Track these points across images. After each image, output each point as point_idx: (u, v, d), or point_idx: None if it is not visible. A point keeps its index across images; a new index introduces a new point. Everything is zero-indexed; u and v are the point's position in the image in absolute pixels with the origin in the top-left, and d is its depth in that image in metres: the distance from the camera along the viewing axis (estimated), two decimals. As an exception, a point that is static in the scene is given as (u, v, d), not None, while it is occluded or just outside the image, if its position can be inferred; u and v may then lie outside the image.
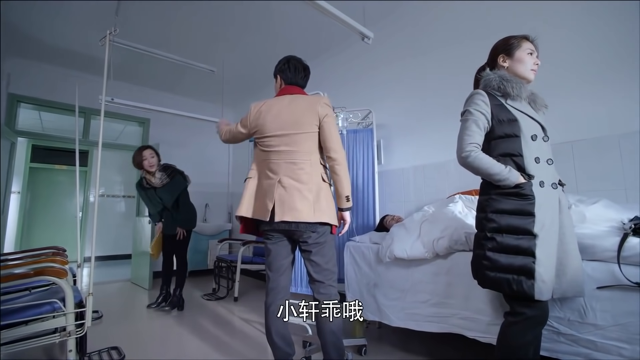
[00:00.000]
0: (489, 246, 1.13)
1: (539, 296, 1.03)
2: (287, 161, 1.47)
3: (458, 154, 1.20)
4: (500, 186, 1.14)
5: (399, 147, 2.78)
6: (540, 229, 1.06)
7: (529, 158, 1.14)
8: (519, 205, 1.10)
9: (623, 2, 1.69)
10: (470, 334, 1.48)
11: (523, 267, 1.05)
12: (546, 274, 1.04)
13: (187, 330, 2.41)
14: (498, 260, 1.10)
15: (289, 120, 1.50)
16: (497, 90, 1.21)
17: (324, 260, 1.45)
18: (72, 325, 1.41)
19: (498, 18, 2.18)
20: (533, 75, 1.24)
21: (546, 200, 1.10)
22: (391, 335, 2.23)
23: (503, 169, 1.12)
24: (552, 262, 1.07)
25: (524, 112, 1.19)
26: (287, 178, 1.45)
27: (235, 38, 3.37)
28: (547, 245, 1.07)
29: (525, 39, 1.25)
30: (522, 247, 1.07)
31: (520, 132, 1.15)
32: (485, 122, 1.18)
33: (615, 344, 1.10)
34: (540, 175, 1.13)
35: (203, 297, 3.37)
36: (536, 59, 1.25)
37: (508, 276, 1.08)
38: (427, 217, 1.85)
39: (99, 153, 1.87)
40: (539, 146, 1.16)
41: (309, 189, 1.43)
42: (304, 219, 1.40)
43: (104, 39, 2.20)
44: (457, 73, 2.37)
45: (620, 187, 1.64)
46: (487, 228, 1.15)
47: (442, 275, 1.63)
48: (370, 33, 2.27)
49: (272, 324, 1.46)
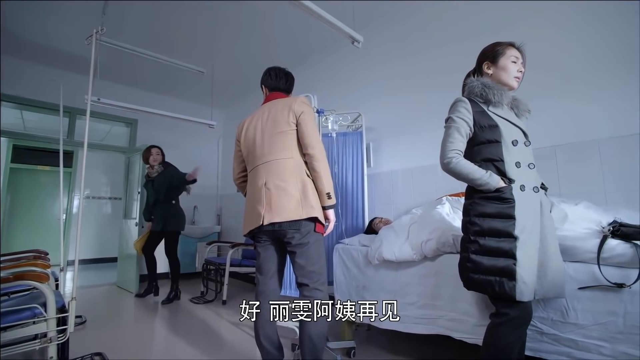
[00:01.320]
0: (472, 249, 1.16)
1: (520, 297, 1.05)
2: (270, 162, 1.49)
3: (441, 160, 1.23)
4: (482, 190, 1.17)
5: (388, 150, 2.81)
6: (521, 231, 1.09)
7: (509, 163, 1.17)
8: (500, 209, 1.13)
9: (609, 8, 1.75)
10: (457, 335, 1.50)
11: (504, 268, 1.08)
12: (527, 276, 1.06)
13: (174, 334, 2.37)
14: (481, 263, 1.13)
15: (267, 126, 1.55)
16: (480, 97, 1.25)
17: (308, 262, 1.42)
18: (53, 331, 1.37)
19: (488, 21, 2.22)
20: (516, 83, 1.27)
21: (527, 204, 1.13)
22: (380, 337, 2.24)
23: (484, 173, 1.15)
24: (533, 264, 1.09)
25: (505, 118, 1.22)
26: (272, 179, 1.46)
27: (225, 39, 3.35)
28: (528, 247, 1.09)
29: (511, 46, 1.28)
30: (503, 249, 1.09)
31: (501, 138, 1.18)
32: (467, 129, 1.22)
33: (595, 343, 1.13)
34: (520, 179, 1.15)
35: (191, 301, 3.32)
36: (521, 66, 1.27)
37: (491, 278, 1.11)
38: (415, 220, 1.87)
39: (84, 154, 1.83)
40: (520, 151, 1.19)
41: (294, 187, 1.43)
42: (292, 217, 1.39)
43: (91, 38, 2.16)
44: (446, 77, 2.42)
45: (600, 190, 1.69)
46: (470, 231, 1.18)
47: (430, 277, 1.64)
48: (360, 37, 2.29)
49: (261, 327, 1.45)
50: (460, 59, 2.31)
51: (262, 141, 1.54)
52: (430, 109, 2.51)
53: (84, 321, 2.61)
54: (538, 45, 1.91)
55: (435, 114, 2.46)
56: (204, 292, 3.51)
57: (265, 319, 1.46)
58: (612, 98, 1.70)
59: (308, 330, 1.36)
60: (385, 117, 2.85)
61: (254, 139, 1.57)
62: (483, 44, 1.35)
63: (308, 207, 1.41)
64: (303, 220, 1.41)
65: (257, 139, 1.56)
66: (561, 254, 1.17)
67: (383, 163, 2.83)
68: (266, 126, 1.55)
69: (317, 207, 1.44)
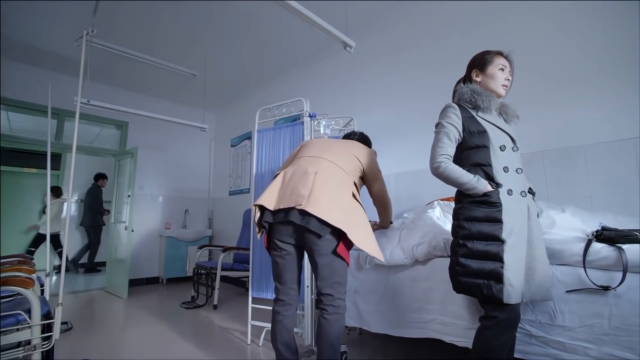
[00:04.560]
0: (461, 252, 1.19)
1: (507, 299, 1.07)
2: (325, 159, 1.52)
3: (430, 164, 1.25)
4: (471, 195, 1.20)
5: (380, 154, 2.81)
6: (508, 235, 1.11)
7: (497, 167, 1.19)
8: (487, 213, 1.15)
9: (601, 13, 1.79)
10: (448, 339, 1.51)
11: (492, 271, 1.10)
12: (514, 278, 1.08)
13: (163, 340, 2.33)
14: (470, 266, 1.15)
15: (341, 145, 1.69)
16: (469, 103, 1.28)
17: (334, 272, 1.39)
18: (37, 338, 1.34)
19: (481, 26, 2.26)
20: (504, 91, 1.31)
21: (514, 208, 1.15)
22: (372, 341, 2.24)
23: (471, 178, 1.17)
24: (520, 267, 1.11)
25: (494, 123, 1.25)
26: (324, 173, 1.44)
27: (217, 42, 3.34)
28: (515, 251, 1.11)
29: (499, 55, 1.31)
30: (491, 252, 1.11)
31: (489, 143, 1.21)
32: (456, 134, 1.24)
33: (582, 345, 1.15)
34: (508, 184, 1.18)
35: (181, 306, 3.27)
36: (508, 74, 1.30)
37: (479, 281, 1.12)
38: (407, 224, 1.89)
39: (72, 156, 1.80)
40: (508, 156, 1.22)
41: (345, 198, 1.43)
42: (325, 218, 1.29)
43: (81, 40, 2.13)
44: (437, 83, 2.45)
45: (586, 195, 1.73)
46: (459, 235, 1.20)
47: (421, 280, 1.65)
48: (353, 42, 2.31)
49: (279, 332, 1.47)
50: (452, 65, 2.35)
51: (329, 148, 1.60)
52: (421, 114, 2.55)
53: (70, 327, 2.55)
54: (525, 50, 1.96)
55: (426, 120, 2.48)
56: (195, 297, 3.47)
57: (283, 325, 1.48)
58: (598, 105, 1.75)
59: (329, 335, 1.38)
60: (376, 121, 2.87)
61: (318, 143, 1.68)
62: (475, 50, 1.38)
63: (345, 224, 1.32)
64: (330, 229, 1.32)
65: (322, 144, 1.66)
66: (548, 258, 1.20)
67: (375, 167, 2.84)
68: (338, 143, 1.69)
69: (352, 229, 1.33)
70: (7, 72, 3.61)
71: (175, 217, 4.85)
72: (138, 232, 4.30)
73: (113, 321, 2.86)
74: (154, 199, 4.68)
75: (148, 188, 4.61)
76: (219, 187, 5.11)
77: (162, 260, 4.48)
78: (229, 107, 5.15)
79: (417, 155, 2.55)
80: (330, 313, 1.39)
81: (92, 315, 3.02)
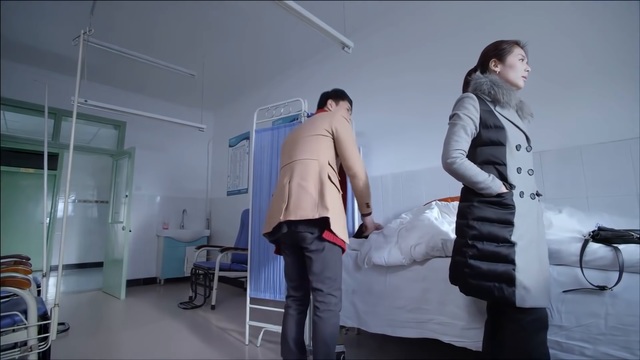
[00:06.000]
0: (470, 253, 1.13)
1: (520, 303, 1.02)
2: (296, 162, 1.55)
3: (443, 159, 1.17)
4: (482, 194, 1.14)
5: (378, 154, 2.84)
6: (519, 237, 1.07)
7: (511, 168, 1.14)
8: (499, 214, 1.10)
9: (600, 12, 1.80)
10: (446, 339, 1.51)
11: (503, 274, 1.05)
12: (528, 281, 1.04)
13: (161, 341, 2.32)
14: (479, 268, 1.10)
15: (304, 131, 1.63)
16: (487, 95, 1.20)
17: (325, 267, 1.43)
18: (34, 339, 1.33)
19: (481, 26, 2.26)
20: (523, 82, 1.24)
21: (525, 210, 1.11)
22: (369, 341, 2.24)
23: (486, 177, 1.11)
24: (534, 270, 1.06)
25: (512, 120, 1.18)
26: (296, 178, 1.50)
27: (216, 43, 3.34)
28: (528, 253, 1.07)
29: (517, 45, 1.25)
30: (501, 254, 1.07)
31: (506, 141, 1.14)
32: (473, 128, 1.17)
33: (578, 344, 1.15)
34: (520, 186, 1.13)
35: (179, 306, 3.27)
36: (527, 65, 1.24)
37: (489, 283, 1.08)
38: (405, 224, 1.89)
39: (70, 156, 1.80)
40: (522, 156, 1.16)
41: (314, 187, 1.45)
42: (307, 216, 1.39)
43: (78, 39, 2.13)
44: (435, 84, 2.46)
45: (583, 195, 1.74)
46: (468, 235, 1.14)
47: (419, 281, 1.66)
48: (350, 42, 2.31)
49: (290, 329, 1.53)
50: (451, 65, 2.37)
51: (297, 144, 1.61)
52: (419, 115, 2.55)
53: (67, 328, 2.54)
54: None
55: (424, 120, 2.50)
56: (193, 297, 3.46)
57: (295, 320, 1.55)
58: (595, 106, 1.76)
59: (322, 334, 1.39)
60: (374, 122, 2.88)
61: (290, 142, 1.67)
62: (475, 51, 1.35)
63: (322, 208, 1.39)
64: (318, 223, 1.40)
65: (293, 142, 1.65)
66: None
67: (373, 168, 2.85)
68: (303, 131, 1.64)
69: (334, 213, 1.41)
70: (3, 71, 3.58)
71: (173, 218, 4.84)
72: (135, 232, 4.28)
73: (110, 322, 2.85)
74: (151, 199, 4.67)
75: (146, 188, 4.60)
76: (217, 188, 5.10)
77: (159, 261, 4.46)
78: (227, 107, 5.15)
79: (414, 156, 2.55)
80: (322, 311, 1.40)
81: (89, 315, 3.00)
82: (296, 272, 1.58)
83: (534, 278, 1.05)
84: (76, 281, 4.76)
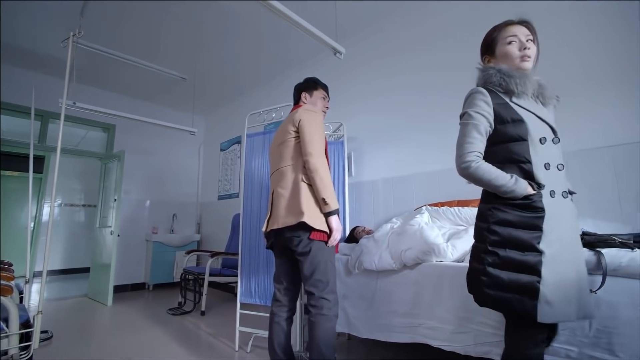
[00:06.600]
0: (489, 261, 1.00)
1: (542, 318, 0.91)
2: (276, 171, 1.60)
3: (457, 164, 1.05)
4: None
5: (369, 159, 2.86)
6: (549, 245, 0.94)
7: (538, 164, 0.99)
8: (525, 218, 0.97)
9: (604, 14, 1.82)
10: (436, 343, 1.52)
11: (526, 285, 0.93)
12: (552, 296, 0.91)
13: (148, 348, 2.28)
14: (499, 277, 0.98)
15: (276, 138, 1.66)
16: (499, 87, 1.06)
17: (314, 270, 1.43)
18: (15, 348, 1.29)
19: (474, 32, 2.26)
20: (528, 64, 1.07)
21: (557, 212, 0.98)
22: (360, 346, 2.23)
23: (508, 179, 0.98)
24: (562, 283, 0.93)
25: (531, 111, 1.04)
26: (277, 187, 1.54)
27: (207, 46, 3.34)
28: (557, 264, 0.94)
29: (507, 25, 1.10)
30: (527, 264, 0.94)
31: (528, 135, 1.00)
32: (487, 126, 1.04)
33: (564, 347, 1.17)
34: (550, 184, 0.99)
35: (168, 312, 3.21)
36: (524, 42, 1.07)
37: (509, 295, 0.96)
38: (395, 229, 1.90)
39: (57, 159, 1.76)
40: (549, 150, 1.01)
41: (288, 193, 1.48)
42: (286, 223, 1.43)
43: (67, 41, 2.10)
44: (427, 89, 2.49)
45: (569, 200, 1.77)
46: (488, 240, 1.02)
47: (409, 285, 1.66)
48: (342, 48, 2.33)
49: (276, 334, 1.52)
50: (443, 70, 2.40)
51: (273, 152, 1.67)
52: (410, 120, 2.58)
53: (51, 336, 2.47)
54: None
55: (416, 125, 2.53)
56: (182, 303, 3.40)
57: (280, 326, 1.53)
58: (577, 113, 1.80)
59: (315, 339, 1.37)
60: (366, 127, 2.90)
61: (272, 149, 1.70)
62: (468, 55, 1.29)
63: (297, 213, 1.40)
64: (297, 226, 1.41)
65: (270, 151, 1.71)
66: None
67: (364, 172, 2.87)
68: (277, 137, 1.66)
69: (310, 213, 1.40)
70: (-11, 72, 3.51)
71: (163, 222, 4.77)
72: (124, 237, 4.20)
73: (95, 329, 2.78)
74: (140, 203, 4.60)
75: (135, 192, 4.53)
76: (208, 192, 5.06)
77: (148, 266, 4.39)
78: (218, 111, 5.13)
79: (405, 161, 2.58)
80: (314, 315, 1.40)
81: (74, 323, 2.93)
82: (284, 274, 1.59)
83: (562, 291, 0.92)
84: (61, 287, 4.64)
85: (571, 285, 0.93)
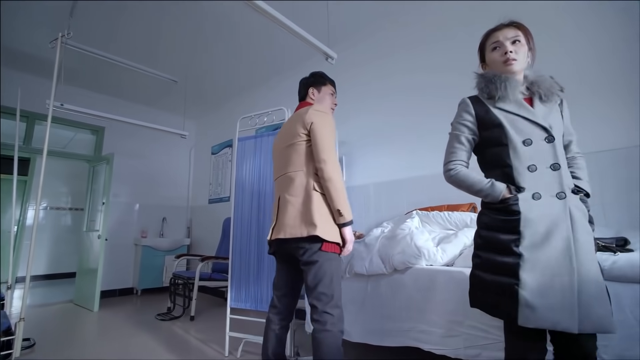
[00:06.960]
0: (474, 263, 1.08)
1: (523, 322, 0.90)
2: (282, 176, 1.49)
3: (443, 172, 1.15)
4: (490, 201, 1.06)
5: (361, 164, 2.87)
6: (528, 248, 0.94)
7: (518, 167, 1.00)
8: (502, 221, 1.00)
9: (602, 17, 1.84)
10: (426, 347, 1.52)
11: (505, 288, 0.95)
12: (535, 300, 0.89)
13: (136, 355, 2.23)
14: (482, 278, 1.03)
15: (281, 140, 1.54)
16: (485, 93, 1.10)
17: (318, 282, 1.32)
18: (-4, 355, 1.25)
19: (468, 35, 2.30)
20: (514, 66, 1.07)
21: (541, 214, 0.96)
22: (351, 350, 2.22)
23: (484, 184, 1.03)
24: (545, 287, 0.91)
25: (517, 113, 1.04)
26: (284, 193, 1.44)
27: (199, 49, 3.32)
28: (540, 268, 0.92)
29: (492, 32, 1.14)
30: (506, 265, 0.96)
31: (507, 139, 1.02)
32: (468, 135, 1.11)
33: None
34: (535, 186, 0.98)
35: (157, 317, 3.15)
36: (506, 46, 1.07)
37: (493, 296, 0.99)
38: (386, 233, 1.91)
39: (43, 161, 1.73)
40: (536, 151, 1.00)
41: (298, 201, 1.37)
42: (294, 234, 1.33)
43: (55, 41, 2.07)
44: (418, 94, 2.52)
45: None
46: (475, 244, 1.10)
47: (400, 289, 1.67)
48: (334, 54, 2.35)
49: (270, 341, 1.47)
50: (435, 75, 2.44)
51: (279, 154, 1.54)
52: (401, 125, 2.61)
53: (33, 344, 2.39)
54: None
55: (407, 130, 2.56)
56: (171, 308, 3.35)
57: (275, 333, 1.48)
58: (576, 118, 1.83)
59: (320, 356, 1.27)
60: (357, 131, 2.92)
61: (276, 151, 1.58)
62: (463, 59, 1.32)
63: (309, 225, 1.31)
64: (307, 238, 1.32)
65: (275, 152, 1.59)
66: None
67: (355, 177, 2.88)
68: (281, 139, 1.55)
69: (323, 224, 1.32)
70: (-27, 72, 3.43)
71: (152, 226, 4.70)
72: (112, 241, 4.12)
73: (81, 336, 2.71)
74: (129, 206, 4.53)
75: (124, 195, 4.46)
76: (199, 195, 5.01)
77: (137, 270, 4.31)
78: (210, 115, 5.10)
79: (396, 165, 2.60)
80: (318, 331, 1.29)
81: (58, 330, 2.85)
82: (284, 281, 1.53)
83: (546, 297, 0.89)
84: (45, 293, 4.51)
85: (560, 291, 0.89)
